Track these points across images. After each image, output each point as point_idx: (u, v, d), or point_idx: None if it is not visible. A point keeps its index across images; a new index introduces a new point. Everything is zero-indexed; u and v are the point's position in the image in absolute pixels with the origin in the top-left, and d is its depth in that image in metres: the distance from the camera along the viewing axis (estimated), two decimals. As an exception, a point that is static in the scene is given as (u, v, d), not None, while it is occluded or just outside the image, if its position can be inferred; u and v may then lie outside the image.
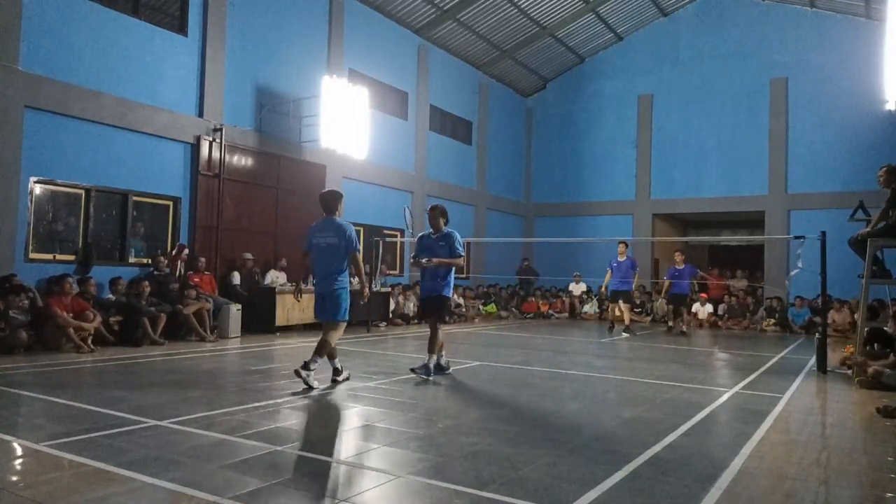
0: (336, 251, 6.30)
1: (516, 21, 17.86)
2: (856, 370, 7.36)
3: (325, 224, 6.42)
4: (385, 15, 15.82)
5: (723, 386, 6.96)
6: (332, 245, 6.31)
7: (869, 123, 16.54)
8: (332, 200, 6.49)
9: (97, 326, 8.60)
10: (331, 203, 6.47)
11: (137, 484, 3.25)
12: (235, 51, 12.04)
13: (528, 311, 18.50)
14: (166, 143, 10.94)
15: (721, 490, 3.38)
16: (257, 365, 7.78)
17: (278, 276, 12.13)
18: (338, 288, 6.35)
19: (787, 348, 11.43)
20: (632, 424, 5.00)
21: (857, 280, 8.20)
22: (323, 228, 6.41)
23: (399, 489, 3.33)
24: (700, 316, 16.65)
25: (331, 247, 6.31)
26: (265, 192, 12.72)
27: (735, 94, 18.59)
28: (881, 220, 7.55)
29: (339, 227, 6.33)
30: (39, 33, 9.20)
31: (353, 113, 13.21)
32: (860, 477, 3.76)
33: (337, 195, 6.56)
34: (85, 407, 5.00)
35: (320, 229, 6.42)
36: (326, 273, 6.34)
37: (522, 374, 7.56)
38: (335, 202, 6.49)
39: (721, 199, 18.78)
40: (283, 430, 4.47)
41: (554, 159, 21.68)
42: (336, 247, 6.29)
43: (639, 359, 9.70)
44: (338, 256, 6.31)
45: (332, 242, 6.31)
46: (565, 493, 3.26)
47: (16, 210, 8.91)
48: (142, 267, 10.55)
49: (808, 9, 17.72)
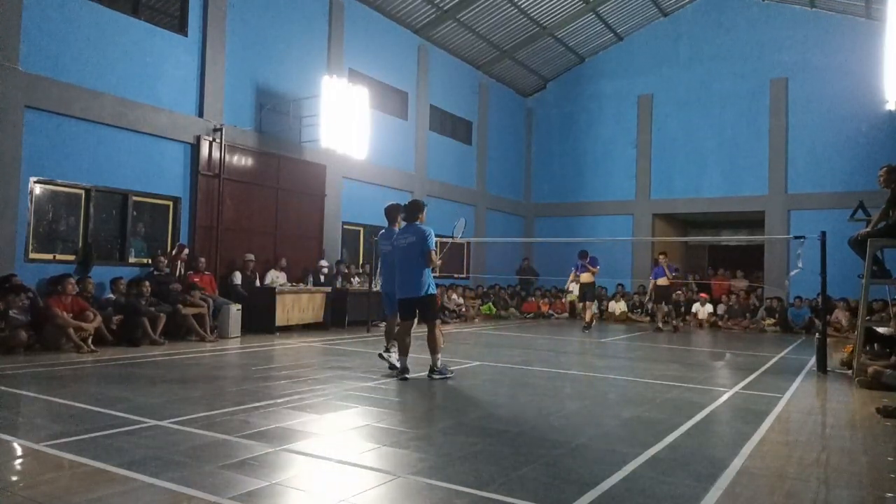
0: (415, 252, 6.85)
1: (516, 21, 17.85)
2: (856, 370, 7.36)
3: (406, 229, 7.03)
4: (385, 15, 15.82)
5: (723, 386, 6.96)
6: (411, 245, 6.86)
7: (869, 123, 16.54)
8: (413, 209, 7.08)
9: (97, 326, 8.60)
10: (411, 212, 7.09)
11: (137, 484, 3.25)
12: (235, 51, 12.04)
13: (529, 311, 18.51)
14: (166, 143, 10.94)
15: (721, 490, 3.38)
16: (257, 365, 7.78)
17: (278, 276, 12.14)
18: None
19: (787, 348, 11.43)
20: (632, 424, 5.00)
21: (857, 280, 8.20)
22: (403, 232, 7.03)
23: (399, 489, 3.32)
24: (700, 316, 16.66)
25: (411, 246, 6.87)
26: (265, 192, 12.72)
27: (735, 95, 18.59)
28: (881, 220, 7.54)
29: (419, 231, 6.90)
30: (39, 33, 9.20)
31: (353, 113, 13.20)
32: (860, 477, 3.76)
33: (396, 208, 7.40)
34: (85, 407, 5.00)
35: (401, 232, 7.07)
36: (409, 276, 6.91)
37: (522, 374, 7.56)
38: (395, 215, 7.36)
39: (721, 200, 18.78)
40: (283, 430, 4.47)
41: (554, 159, 21.68)
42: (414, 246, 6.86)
43: (639, 359, 9.70)
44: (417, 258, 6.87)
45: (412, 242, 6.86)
46: (565, 493, 3.26)
47: (16, 210, 8.91)
48: (142, 267, 10.55)
49: (808, 9, 17.72)
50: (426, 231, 6.86)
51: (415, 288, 6.82)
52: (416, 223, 6.96)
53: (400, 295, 6.96)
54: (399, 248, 6.94)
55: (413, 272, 6.82)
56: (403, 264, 6.89)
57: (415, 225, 6.95)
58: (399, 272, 6.94)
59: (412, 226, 6.95)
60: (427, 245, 6.79)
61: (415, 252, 6.80)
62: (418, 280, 6.81)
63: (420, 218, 7.01)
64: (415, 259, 6.81)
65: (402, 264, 6.90)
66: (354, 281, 13.72)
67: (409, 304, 6.94)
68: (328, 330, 12.19)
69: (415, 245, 6.81)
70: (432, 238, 6.82)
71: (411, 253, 6.82)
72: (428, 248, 6.78)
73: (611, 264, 19.51)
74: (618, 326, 16.00)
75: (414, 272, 6.82)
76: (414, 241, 6.82)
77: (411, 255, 6.82)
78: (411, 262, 6.83)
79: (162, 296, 9.85)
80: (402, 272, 6.90)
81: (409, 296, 6.88)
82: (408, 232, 6.93)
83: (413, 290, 6.84)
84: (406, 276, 6.86)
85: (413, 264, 6.82)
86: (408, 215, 7.07)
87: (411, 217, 7.02)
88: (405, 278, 6.87)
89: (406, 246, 6.86)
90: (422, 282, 6.83)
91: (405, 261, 6.87)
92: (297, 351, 9.32)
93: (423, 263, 6.81)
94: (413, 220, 6.99)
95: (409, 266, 6.85)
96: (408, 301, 6.92)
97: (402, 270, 6.91)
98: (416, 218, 6.99)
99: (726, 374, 8.25)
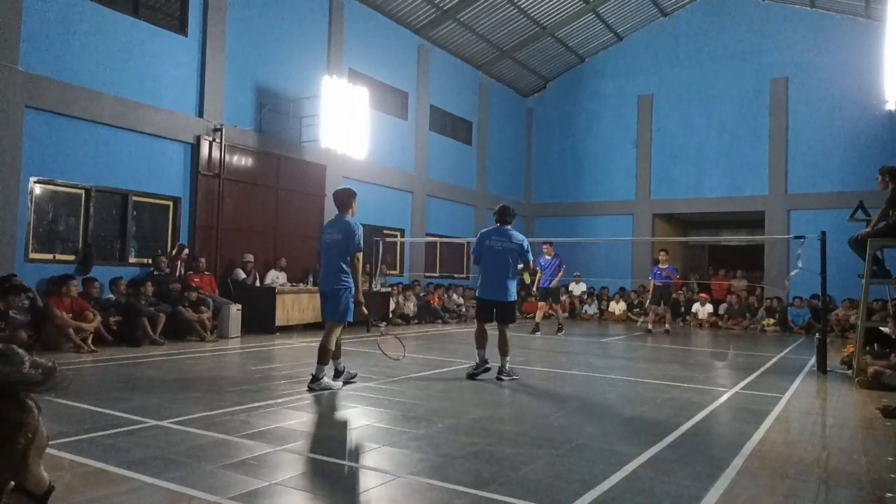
0: (340, 249, 6.18)
1: (516, 21, 17.85)
2: (856, 370, 7.36)
3: (335, 221, 6.38)
4: (385, 15, 15.82)
5: (723, 386, 6.96)
6: (336, 242, 6.19)
7: (869, 123, 16.53)
8: (344, 198, 6.39)
9: (97, 327, 8.60)
10: (343, 200, 6.38)
11: (137, 484, 3.25)
12: (235, 51, 12.03)
13: (529, 311, 18.50)
14: (166, 143, 10.94)
15: (721, 490, 3.38)
16: (257, 365, 7.78)
17: (278, 276, 12.14)
18: (340, 287, 6.16)
19: (787, 348, 11.43)
20: (632, 424, 5.00)
21: (857, 280, 8.20)
22: (332, 225, 6.37)
23: (399, 489, 3.32)
24: (700, 316, 16.66)
25: (336, 243, 6.20)
26: (265, 192, 12.72)
27: (735, 94, 18.59)
28: (881, 220, 7.55)
29: (345, 225, 6.23)
30: (39, 33, 9.20)
31: (353, 113, 13.20)
32: (860, 477, 3.76)
33: (349, 193, 6.45)
34: (85, 407, 5.00)
35: (329, 226, 6.41)
36: (329, 271, 6.23)
37: (522, 374, 7.56)
38: (348, 199, 6.39)
39: (721, 199, 18.78)
40: (283, 430, 4.47)
41: (554, 159, 21.68)
42: (340, 244, 6.18)
43: (639, 359, 9.70)
44: (341, 254, 6.19)
45: (337, 239, 6.20)
46: (565, 493, 3.26)
47: (16, 210, 8.91)
48: (142, 267, 10.55)
49: (808, 9, 17.72)
50: (522, 239, 7.10)
51: (503, 292, 6.99)
52: (508, 228, 7.15)
53: (486, 296, 7.10)
54: (493, 249, 7.04)
55: (504, 276, 6.99)
56: (496, 267, 7.02)
57: (509, 230, 7.14)
58: (488, 274, 7.06)
59: (506, 230, 7.13)
60: (526, 255, 7.05)
61: (510, 258, 6.98)
62: (507, 285, 6.99)
63: (511, 223, 7.24)
64: (509, 264, 6.99)
65: (495, 267, 7.02)
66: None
67: (490, 307, 7.07)
68: (328, 330, 12.17)
69: (512, 251, 6.98)
70: (527, 246, 7.06)
71: (505, 258, 6.98)
72: (527, 259, 7.07)
73: (611, 264, 19.56)
74: (618, 326, 15.99)
75: (505, 276, 6.99)
76: (512, 248, 6.99)
77: (505, 259, 6.98)
78: (504, 267, 6.99)
79: (162, 296, 9.85)
80: (492, 274, 7.03)
81: (495, 299, 7.02)
82: (503, 236, 7.09)
83: (501, 294, 7.00)
84: (495, 279, 7.00)
85: (505, 269, 6.99)
86: (501, 218, 7.22)
87: (504, 220, 7.20)
88: (494, 281, 7.01)
89: (501, 250, 7.01)
90: (510, 287, 7.02)
91: (498, 264, 7.00)
92: (297, 351, 9.32)
93: (516, 270, 7.05)
94: (505, 224, 7.18)
95: (501, 270, 7.00)
96: (490, 303, 7.06)
97: (493, 273, 7.03)
98: (508, 222, 7.19)
99: (726, 374, 8.25)
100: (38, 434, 0.86)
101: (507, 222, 7.19)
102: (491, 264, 7.06)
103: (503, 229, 7.14)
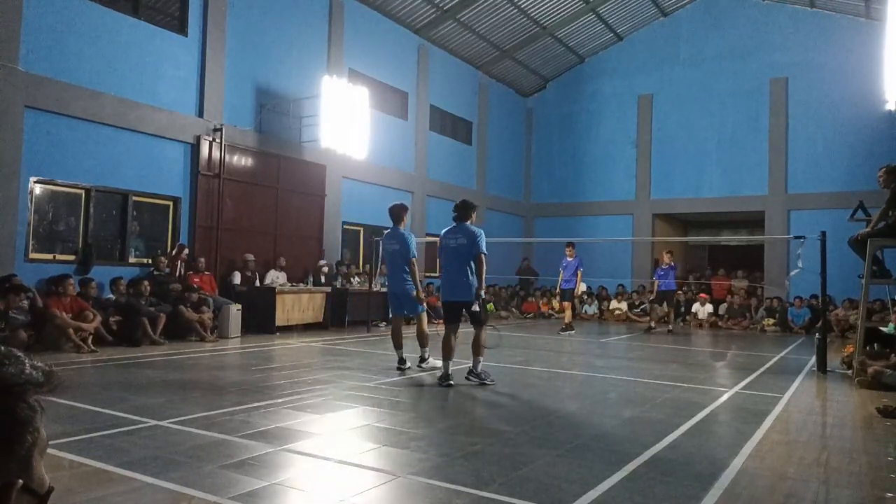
0: (401, 256, 7.37)
1: (516, 21, 17.85)
2: (856, 370, 7.36)
3: (393, 233, 7.51)
4: (385, 15, 15.82)
5: (723, 386, 6.96)
6: (396, 251, 7.40)
7: (869, 123, 16.53)
8: (398, 212, 7.53)
9: (97, 326, 8.59)
10: (397, 214, 7.52)
11: (137, 484, 3.25)
12: (235, 51, 12.03)
13: (529, 311, 18.51)
14: (166, 143, 10.94)
15: (721, 490, 3.38)
16: (257, 365, 7.78)
17: (278, 276, 12.13)
18: (409, 287, 7.38)
19: (787, 348, 11.43)
20: (632, 424, 5.00)
21: (857, 280, 8.20)
22: (391, 237, 7.52)
23: (399, 489, 3.32)
24: (700, 316, 16.66)
25: (397, 252, 7.40)
26: (265, 192, 12.72)
27: (735, 94, 18.59)
28: (881, 220, 7.55)
29: (402, 237, 7.42)
30: (39, 33, 9.20)
31: (353, 113, 13.20)
32: (860, 477, 3.76)
33: (403, 207, 7.59)
34: (85, 407, 5.00)
35: (389, 237, 7.57)
36: (395, 275, 7.46)
37: (522, 374, 7.56)
38: (401, 213, 7.54)
39: (721, 199, 18.78)
40: (283, 430, 4.47)
41: (554, 159, 21.68)
42: (400, 252, 7.37)
43: (639, 359, 9.70)
44: (403, 260, 7.37)
45: (397, 249, 7.40)
46: (565, 493, 3.26)
47: (16, 210, 8.91)
48: (142, 267, 10.55)
49: (808, 9, 17.72)
50: (477, 233, 6.56)
51: (464, 292, 6.54)
52: (466, 223, 6.67)
53: (447, 298, 6.73)
54: (448, 248, 6.65)
55: (462, 275, 6.53)
56: (452, 266, 6.61)
57: (466, 225, 6.65)
58: (447, 274, 6.68)
59: (463, 226, 6.65)
60: (478, 247, 6.49)
61: (465, 254, 6.52)
62: (467, 283, 6.52)
63: (472, 218, 6.72)
64: (465, 261, 6.53)
65: (451, 266, 6.62)
66: (354, 281, 13.73)
67: (455, 308, 6.68)
68: (328, 330, 12.20)
69: (465, 247, 6.53)
70: (483, 240, 6.54)
71: (461, 254, 6.54)
72: (479, 250, 6.49)
73: (611, 264, 19.56)
74: (618, 326, 15.99)
75: (463, 275, 6.53)
76: (465, 243, 6.54)
77: (461, 256, 6.54)
78: (461, 265, 6.54)
79: (162, 296, 9.85)
80: (450, 274, 6.62)
81: (458, 299, 6.60)
82: (458, 232, 6.63)
83: (462, 293, 6.55)
84: (454, 278, 6.58)
85: (463, 267, 6.53)
86: (459, 215, 6.72)
87: (463, 217, 6.70)
88: (453, 281, 6.59)
89: (456, 247, 6.59)
90: (471, 285, 6.52)
91: (454, 263, 6.59)
92: (297, 351, 9.32)
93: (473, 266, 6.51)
94: (464, 220, 6.68)
95: (458, 268, 6.55)
96: (454, 304, 6.66)
97: (451, 273, 6.61)
98: (467, 218, 6.69)
99: (726, 374, 8.25)
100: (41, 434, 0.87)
101: (464, 218, 6.67)
102: (448, 263, 6.67)
103: (461, 226, 6.66)
